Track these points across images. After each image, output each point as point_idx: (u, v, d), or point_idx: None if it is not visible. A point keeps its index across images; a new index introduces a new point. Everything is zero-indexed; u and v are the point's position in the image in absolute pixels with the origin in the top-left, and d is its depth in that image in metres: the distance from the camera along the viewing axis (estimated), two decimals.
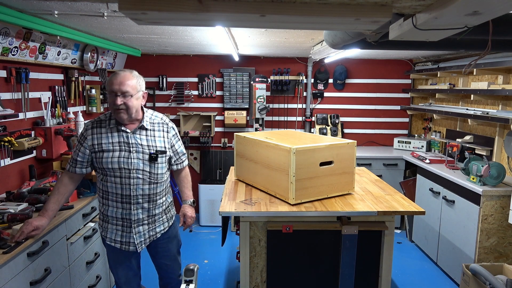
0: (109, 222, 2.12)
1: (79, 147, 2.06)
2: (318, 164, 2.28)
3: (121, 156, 2.01)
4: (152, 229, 2.18)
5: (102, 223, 2.16)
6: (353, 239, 2.22)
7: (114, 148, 2.02)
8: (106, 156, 2.00)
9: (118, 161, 2.00)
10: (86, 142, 2.04)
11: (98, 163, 2.03)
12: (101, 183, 2.09)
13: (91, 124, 2.08)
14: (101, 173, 2.06)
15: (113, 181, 2.03)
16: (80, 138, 2.07)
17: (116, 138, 2.03)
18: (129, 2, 1.16)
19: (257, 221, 2.26)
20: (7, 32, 2.39)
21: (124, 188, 2.03)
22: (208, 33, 3.02)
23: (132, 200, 2.05)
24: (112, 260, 2.21)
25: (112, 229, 2.11)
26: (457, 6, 1.04)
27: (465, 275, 2.64)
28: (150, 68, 4.79)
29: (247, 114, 4.83)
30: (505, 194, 2.88)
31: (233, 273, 3.49)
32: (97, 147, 2.02)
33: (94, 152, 2.03)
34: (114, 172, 2.01)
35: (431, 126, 4.65)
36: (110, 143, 2.02)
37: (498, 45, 2.12)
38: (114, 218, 2.09)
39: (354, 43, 2.12)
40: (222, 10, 1.19)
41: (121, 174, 2.02)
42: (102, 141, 2.02)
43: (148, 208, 2.12)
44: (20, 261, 1.86)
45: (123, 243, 2.11)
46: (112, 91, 1.96)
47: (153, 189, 2.11)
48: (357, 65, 4.87)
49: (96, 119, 2.10)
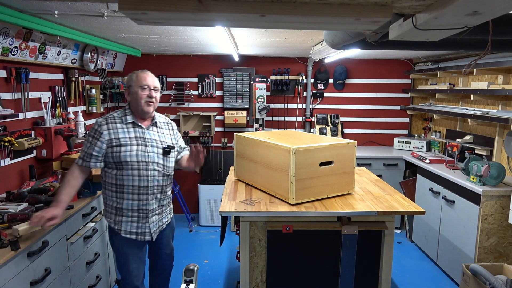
0: (124, 215, 2.19)
1: (94, 142, 2.11)
2: (318, 164, 2.28)
3: (139, 150, 2.15)
4: (161, 219, 2.33)
5: (115, 217, 2.21)
6: (353, 239, 2.22)
7: (132, 142, 2.15)
8: (124, 150, 2.11)
9: (137, 155, 2.14)
10: (103, 137, 2.11)
11: (114, 157, 2.12)
12: (114, 178, 2.15)
13: (105, 120, 2.16)
14: (116, 167, 2.14)
15: (131, 174, 2.13)
16: (94, 133, 2.12)
17: (132, 133, 2.17)
18: (129, 2, 1.16)
19: (257, 221, 2.26)
20: (7, 32, 2.39)
21: (141, 180, 2.16)
22: (208, 33, 3.02)
23: (149, 191, 2.19)
24: (125, 253, 2.24)
25: (127, 222, 2.20)
26: (457, 6, 1.04)
27: (465, 275, 2.64)
28: (150, 68, 4.70)
29: (247, 114, 4.83)
30: (505, 194, 2.88)
31: (233, 273, 3.49)
32: (115, 142, 2.12)
33: (111, 146, 2.11)
34: (132, 165, 2.13)
35: (431, 126, 4.65)
36: (128, 138, 2.15)
37: (498, 45, 2.12)
38: (130, 210, 2.19)
39: (354, 43, 2.12)
40: (222, 10, 1.19)
41: (138, 167, 2.14)
42: (119, 136, 2.13)
43: (160, 199, 2.28)
44: (20, 261, 1.86)
45: (139, 234, 2.22)
46: (146, 85, 2.16)
47: (165, 181, 2.28)
48: (357, 65, 4.87)
49: (109, 116, 2.19)
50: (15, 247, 1.82)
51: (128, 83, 2.21)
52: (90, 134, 2.14)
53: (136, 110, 2.20)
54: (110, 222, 2.23)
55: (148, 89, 2.17)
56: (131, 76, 2.21)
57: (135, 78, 2.18)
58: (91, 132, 2.14)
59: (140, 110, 2.18)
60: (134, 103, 2.18)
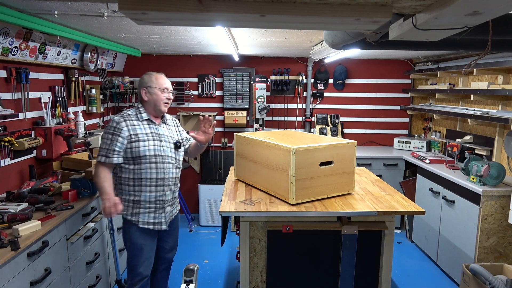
0: (142, 207, 2.32)
1: (115, 138, 2.21)
2: (318, 164, 2.28)
3: (155, 144, 2.30)
4: (172, 210, 2.48)
5: (132, 210, 2.31)
6: (353, 239, 2.22)
7: (148, 138, 2.29)
8: (143, 145, 2.26)
9: (154, 149, 2.29)
10: (123, 133, 2.23)
11: (134, 152, 2.24)
12: (132, 172, 2.27)
13: (122, 118, 2.27)
14: (134, 162, 2.26)
15: (149, 167, 2.27)
16: (113, 130, 2.22)
17: (148, 129, 2.31)
18: (129, 2, 1.16)
19: (257, 221, 2.26)
20: (7, 32, 2.39)
21: (159, 173, 2.30)
22: (208, 33, 3.02)
23: (165, 182, 2.34)
24: (140, 244, 2.34)
25: (144, 213, 2.32)
26: (457, 6, 1.04)
27: (465, 275, 2.64)
28: (150, 68, 4.75)
29: (247, 114, 4.83)
30: (505, 194, 2.88)
31: (233, 273, 3.49)
32: (133, 138, 2.25)
33: (130, 142, 2.24)
34: (149, 159, 2.27)
35: (431, 126, 4.65)
36: (145, 134, 2.29)
37: (498, 45, 2.12)
38: (148, 202, 2.32)
39: (354, 43, 2.12)
40: (222, 10, 1.19)
41: (156, 160, 2.29)
42: (137, 132, 2.27)
43: (173, 190, 2.44)
44: (20, 261, 1.86)
45: (156, 224, 2.36)
46: (165, 88, 2.35)
47: (177, 173, 2.44)
48: (357, 65, 4.87)
49: (124, 114, 2.30)
50: (15, 247, 1.82)
51: (147, 84, 2.32)
52: (109, 132, 2.23)
53: (153, 109, 2.34)
54: (127, 215, 2.32)
55: (167, 92, 2.36)
56: (150, 77, 2.33)
57: (155, 80, 2.33)
58: (110, 130, 2.23)
59: (158, 109, 2.34)
60: (153, 103, 2.33)
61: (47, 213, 2.24)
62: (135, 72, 4.76)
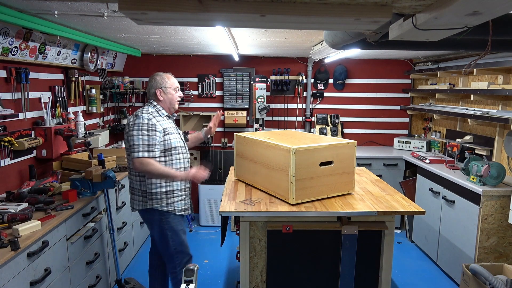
0: (175, 196, 2.50)
1: (153, 133, 2.35)
2: (318, 164, 2.28)
3: (178, 137, 2.53)
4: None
5: (167, 200, 2.46)
6: (353, 239, 2.22)
7: (172, 131, 2.49)
8: (172, 138, 2.46)
9: (178, 141, 2.51)
10: (158, 128, 2.38)
11: (166, 144, 2.43)
12: (164, 164, 2.42)
13: (150, 115, 2.40)
14: (165, 154, 2.43)
15: (178, 157, 2.49)
16: (148, 127, 2.34)
17: (169, 124, 2.50)
18: (129, 2, 1.16)
19: (257, 221, 2.26)
20: (7, 32, 2.39)
21: (184, 162, 2.54)
22: (208, 33, 3.02)
23: (187, 170, 2.53)
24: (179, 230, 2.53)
25: (179, 201, 2.51)
26: (457, 6, 1.04)
27: (465, 275, 2.64)
28: (150, 68, 4.79)
29: (247, 114, 4.83)
30: (505, 194, 2.88)
31: (233, 273, 3.49)
32: (165, 131, 2.43)
33: (164, 135, 2.42)
34: (177, 150, 2.49)
35: (431, 126, 4.65)
36: (169, 128, 2.48)
37: (498, 45, 2.12)
38: (179, 190, 2.51)
39: (354, 43, 2.12)
40: (222, 10, 1.19)
41: (181, 151, 2.53)
42: (166, 126, 2.45)
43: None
44: (20, 261, 1.86)
45: (186, 210, 2.58)
46: (177, 87, 2.56)
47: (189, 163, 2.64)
48: (357, 65, 4.87)
49: (149, 112, 2.42)
50: (15, 247, 1.82)
51: (162, 84, 2.50)
52: (143, 129, 2.33)
53: (168, 107, 2.54)
54: (162, 207, 2.44)
55: (179, 90, 2.58)
56: (162, 78, 2.50)
57: (168, 80, 2.52)
58: (143, 127, 2.33)
59: (172, 108, 2.56)
60: (168, 101, 2.53)
61: (47, 213, 2.24)
62: (135, 72, 4.76)
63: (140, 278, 3.26)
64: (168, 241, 2.50)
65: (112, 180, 2.66)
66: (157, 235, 2.54)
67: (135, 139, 2.32)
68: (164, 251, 2.56)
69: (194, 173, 2.40)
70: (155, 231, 2.53)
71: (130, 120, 2.40)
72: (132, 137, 2.32)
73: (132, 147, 2.32)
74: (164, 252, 2.57)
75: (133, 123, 2.35)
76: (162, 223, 2.48)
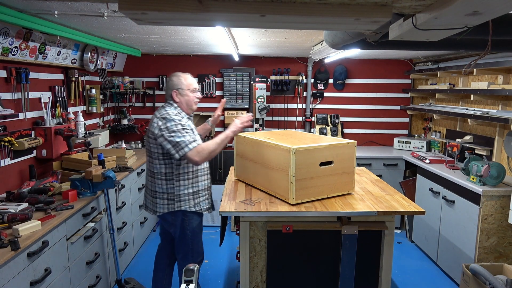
0: (201, 195, 2.53)
1: (190, 127, 2.40)
2: (318, 164, 2.28)
3: (199, 137, 2.49)
4: None
5: (194, 201, 2.48)
6: (353, 239, 2.22)
7: (195, 132, 2.48)
8: (197, 138, 2.42)
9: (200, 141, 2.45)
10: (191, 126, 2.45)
11: None
12: (190, 166, 2.45)
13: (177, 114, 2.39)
14: None
15: None
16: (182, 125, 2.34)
17: (190, 125, 2.49)
18: (129, 2, 1.16)
19: (257, 221, 2.26)
20: (7, 32, 2.39)
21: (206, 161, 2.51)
22: (208, 33, 3.02)
23: (208, 170, 2.63)
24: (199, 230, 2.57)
25: (204, 200, 2.55)
26: (457, 6, 1.04)
27: (465, 275, 2.64)
28: (150, 68, 4.79)
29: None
30: (505, 194, 2.88)
31: (233, 273, 3.49)
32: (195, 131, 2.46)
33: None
34: None
35: (431, 126, 4.65)
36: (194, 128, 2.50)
37: (498, 45, 2.12)
38: (204, 189, 2.55)
39: (354, 43, 2.12)
40: (222, 10, 1.19)
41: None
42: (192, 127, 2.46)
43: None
44: (20, 261, 1.86)
45: (209, 209, 2.60)
46: (194, 88, 2.51)
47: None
48: (357, 65, 4.87)
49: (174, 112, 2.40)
50: (15, 247, 1.81)
51: (178, 86, 2.46)
52: (179, 128, 2.32)
53: (186, 108, 2.51)
54: (190, 208, 2.47)
55: (196, 91, 2.53)
56: (179, 79, 2.47)
57: (184, 81, 2.48)
58: (179, 126, 2.32)
59: (190, 108, 2.53)
60: (185, 103, 2.49)
61: (47, 213, 2.24)
62: (135, 72, 4.77)
63: (140, 278, 3.27)
64: (187, 241, 2.53)
65: (112, 180, 2.66)
66: (177, 235, 2.54)
67: (176, 137, 2.29)
68: (181, 249, 2.57)
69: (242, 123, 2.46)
70: (177, 231, 2.53)
71: (159, 123, 2.33)
72: (172, 137, 2.28)
73: (176, 145, 2.28)
74: (180, 250, 2.58)
75: (165, 126, 2.30)
76: (184, 223, 2.50)
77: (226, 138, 2.42)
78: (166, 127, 2.31)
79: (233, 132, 2.49)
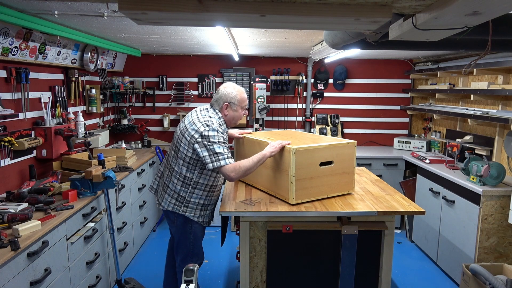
0: (209, 210, 2.52)
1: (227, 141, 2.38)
2: (318, 164, 2.28)
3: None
4: None
5: (200, 212, 2.45)
6: (353, 239, 2.22)
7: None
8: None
9: None
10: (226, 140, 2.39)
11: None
12: (212, 180, 2.42)
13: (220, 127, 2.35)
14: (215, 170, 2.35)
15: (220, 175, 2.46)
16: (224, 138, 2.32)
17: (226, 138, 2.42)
18: (129, 2, 1.16)
19: (257, 221, 2.26)
20: (7, 32, 2.39)
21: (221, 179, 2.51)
22: (208, 33, 3.02)
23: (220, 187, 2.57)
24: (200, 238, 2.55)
25: (210, 214, 2.54)
26: (457, 6, 1.04)
27: (465, 275, 2.64)
28: (150, 68, 4.79)
29: (247, 114, 4.83)
30: (505, 194, 2.88)
31: (233, 273, 3.49)
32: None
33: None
34: None
35: (431, 126, 4.65)
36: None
37: (498, 45, 2.12)
38: (212, 204, 2.54)
39: (354, 43, 2.12)
40: (222, 10, 1.19)
41: None
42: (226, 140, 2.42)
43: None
44: (20, 261, 1.86)
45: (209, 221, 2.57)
46: (245, 106, 2.49)
47: None
48: (357, 65, 4.87)
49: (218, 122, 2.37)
50: (15, 247, 1.81)
51: (231, 100, 2.42)
52: (221, 140, 2.28)
53: (230, 122, 2.48)
54: (194, 217, 2.44)
55: (245, 109, 2.51)
56: (235, 95, 2.42)
57: (239, 98, 2.44)
58: (221, 139, 2.28)
59: (234, 123, 2.50)
60: (231, 117, 2.46)
61: (47, 213, 2.24)
62: (135, 72, 4.77)
63: (140, 278, 3.27)
64: (189, 244, 2.51)
65: (112, 180, 2.66)
66: (178, 236, 2.52)
67: (216, 147, 2.24)
68: (180, 251, 2.55)
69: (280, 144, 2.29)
70: (178, 232, 2.51)
71: (201, 129, 2.27)
72: (212, 146, 2.24)
73: (215, 156, 2.24)
74: (179, 252, 2.56)
75: (207, 134, 2.25)
76: (187, 227, 2.47)
77: (263, 158, 2.28)
78: (208, 135, 2.24)
79: (270, 153, 2.29)
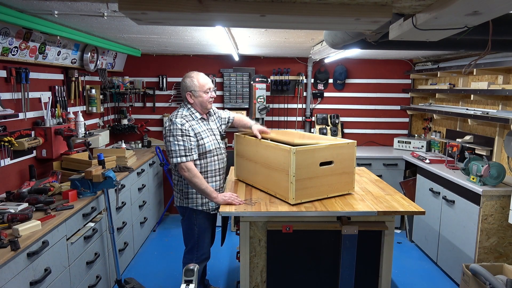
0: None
1: (188, 138, 2.40)
2: (318, 164, 2.28)
3: (212, 139, 2.56)
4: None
5: (202, 200, 2.55)
6: (353, 239, 2.22)
7: (207, 134, 2.53)
8: (206, 141, 2.50)
9: (213, 144, 2.55)
10: (191, 133, 2.42)
11: (201, 149, 2.48)
12: (199, 167, 2.49)
13: (183, 119, 2.43)
14: (201, 157, 2.49)
15: (213, 160, 2.56)
16: (182, 132, 2.38)
17: (203, 127, 2.54)
18: (129, 2, 1.16)
19: (257, 221, 2.26)
20: (7, 32, 2.39)
21: (220, 163, 2.62)
22: (208, 33, 3.02)
23: (221, 171, 2.66)
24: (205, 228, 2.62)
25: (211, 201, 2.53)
26: (457, 6, 1.04)
27: (465, 275, 2.64)
28: (150, 68, 4.79)
29: (247, 114, 4.83)
30: (505, 194, 2.88)
31: (233, 273, 3.49)
32: (198, 136, 2.47)
33: (197, 140, 2.46)
34: (212, 152, 2.54)
35: (431, 126, 4.65)
36: (204, 131, 2.52)
37: (498, 45, 2.12)
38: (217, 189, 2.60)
39: (354, 43, 2.12)
40: (222, 10, 1.19)
41: (216, 153, 2.58)
42: (199, 130, 2.48)
43: (224, 177, 2.74)
44: (20, 261, 1.86)
45: (216, 209, 2.58)
46: (207, 89, 2.52)
47: (225, 162, 2.73)
48: (357, 65, 4.87)
49: (182, 116, 2.45)
50: (15, 247, 1.82)
51: (191, 88, 2.50)
52: (177, 134, 2.37)
53: (201, 109, 2.54)
54: (197, 206, 2.55)
55: (210, 91, 2.54)
56: (192, 81, 2.49)
57: (197, 82, 2.49)
58: (177, 132, 2.37)
59: (205, 108, 2.55)
60: (199, 104, 2.53)
61: (47, 213, 2.24)
62: (135, 72, 4.77)
63: (140, 278, 3.27)
64: (194, 236, 2.61)
65: (112, 180, 2.66)
66: (185, 228, 2.65)
67: (172, 144, 2.38)
68: (187, 243, 2.68)
69: (229, 199, 2.32)
70: (185, 224, 2.64)
71: (166, 124, 2.46)
72: (169, 142, 2.39)
73: (170, 152, 2.40)
74: (186, 243, 2.69)
75: (169, 128, 2.41)
76: (192, 219, 2.59)
77: (209, 193, 2.39)
78: (169, 130, 2.40)
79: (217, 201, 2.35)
